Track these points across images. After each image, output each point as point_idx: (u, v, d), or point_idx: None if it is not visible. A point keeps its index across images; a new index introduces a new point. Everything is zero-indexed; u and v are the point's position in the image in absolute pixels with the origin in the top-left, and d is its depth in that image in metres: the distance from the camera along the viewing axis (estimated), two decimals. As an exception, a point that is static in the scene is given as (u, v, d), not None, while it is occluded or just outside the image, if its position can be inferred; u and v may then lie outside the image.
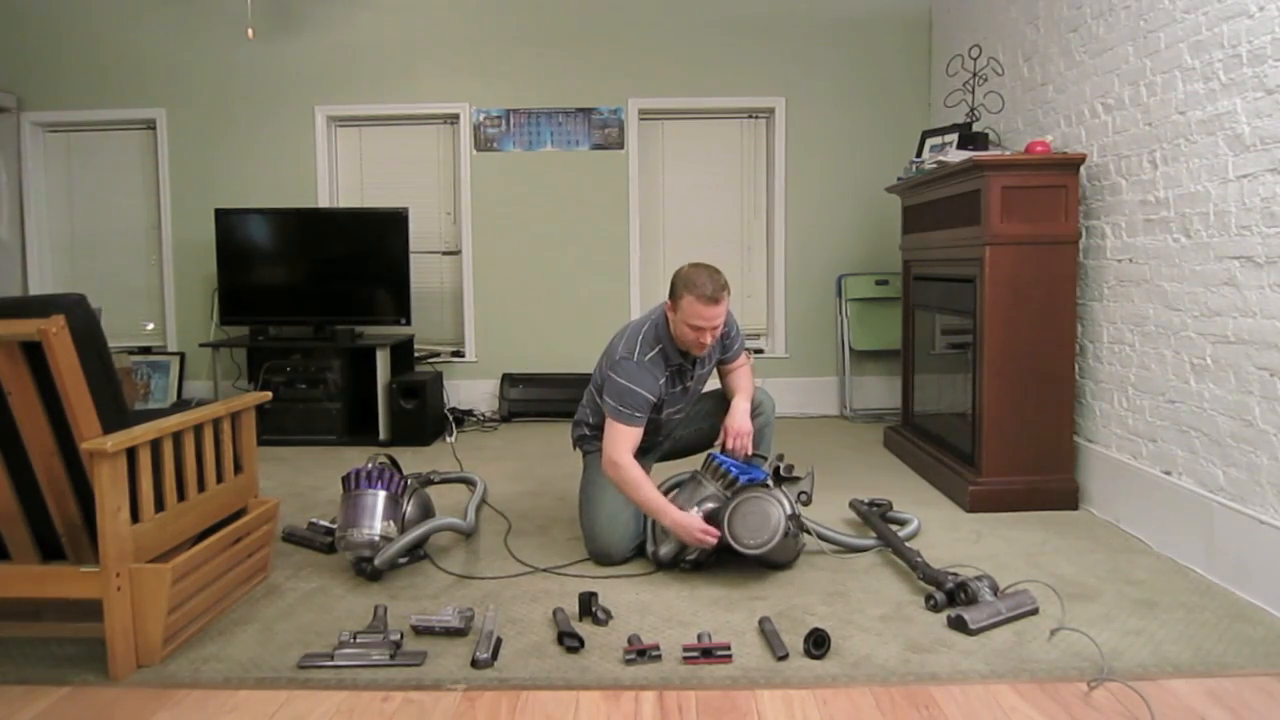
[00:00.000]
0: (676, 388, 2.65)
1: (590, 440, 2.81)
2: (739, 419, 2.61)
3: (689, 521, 2.37)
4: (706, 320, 2.44)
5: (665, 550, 2.46)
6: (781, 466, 2.53)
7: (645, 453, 2.82)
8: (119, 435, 1.85)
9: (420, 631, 2.08)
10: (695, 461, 2.74)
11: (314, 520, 2.84)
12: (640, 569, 2.52)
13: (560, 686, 1.86)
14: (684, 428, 2.85)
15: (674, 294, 2.50)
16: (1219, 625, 2.12)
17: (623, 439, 2.49)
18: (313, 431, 4.40)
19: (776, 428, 2.88)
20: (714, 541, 2.36)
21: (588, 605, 2.18)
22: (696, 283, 2.43)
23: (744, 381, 2.73)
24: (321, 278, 4.64)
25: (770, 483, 2.45)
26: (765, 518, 2.33)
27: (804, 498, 2.49)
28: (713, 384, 2.84)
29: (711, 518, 2.40)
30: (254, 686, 1.87)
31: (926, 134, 3.91)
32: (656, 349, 2.56)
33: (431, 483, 3.40)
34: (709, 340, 2.49)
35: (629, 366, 2.52)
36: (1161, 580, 2.41)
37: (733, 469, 2.47)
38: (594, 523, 2.58)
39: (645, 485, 2.46)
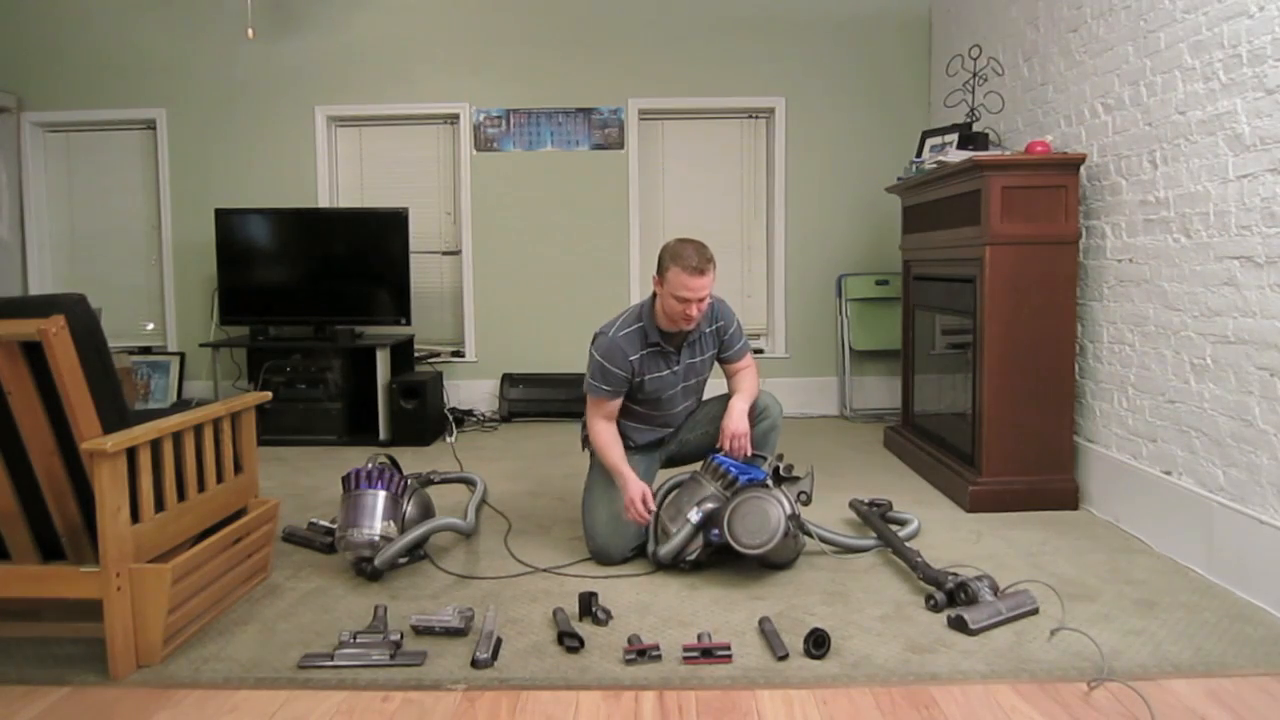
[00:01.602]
0: (663, 370, 2.66)
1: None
2: (736, 420, 2.60)
3: (633, 490, 2.49)
4: (692, 291, 2.47)
5: (665, 550, 2.46)
6: (781, 466, 2.53)
7: (652, 450, 2.83)
8: (119, 435, 1.85)
9: (420, 631, 2.08)
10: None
11: (314, 520, 2.84)
12: (640, 569, 2.52)
13: (560, 686, 1.86)
14: (690, 430, 2.84)
15: (660, 268, 2.54)
16: (1219, 625, 2.12)
17: (594, 409, 2.66)
18: (313, 431, 4.40)
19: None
20: (645, 519, 2.47)
21: (588, 605, 2.18)
22: (682, 255, 2.48)
23: (747, 384, 2.72)
24: (321, 278, 4.64)
25: (769, 483, 2.45)
26: (765, 518, 2.33)
27: (803, 497, 2.49)
28: (717, 387, 2.84)
29: (711, 517, 2.40)
30: (254, 686, 1.87)
31: (926, 134, 3.91)
32: (634, 326, 2.62)
33: (431, 483, 3.40)
34: (695, 313, 2.51)
35: (602, 341, 2.62)
36: (1161, 580, 2.41)
37: (732, 469, 2.48)
38: (595, 522, 2.59)
39: (612, 448, 2.60)
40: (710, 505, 2.43)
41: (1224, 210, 2.41)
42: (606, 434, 2.64)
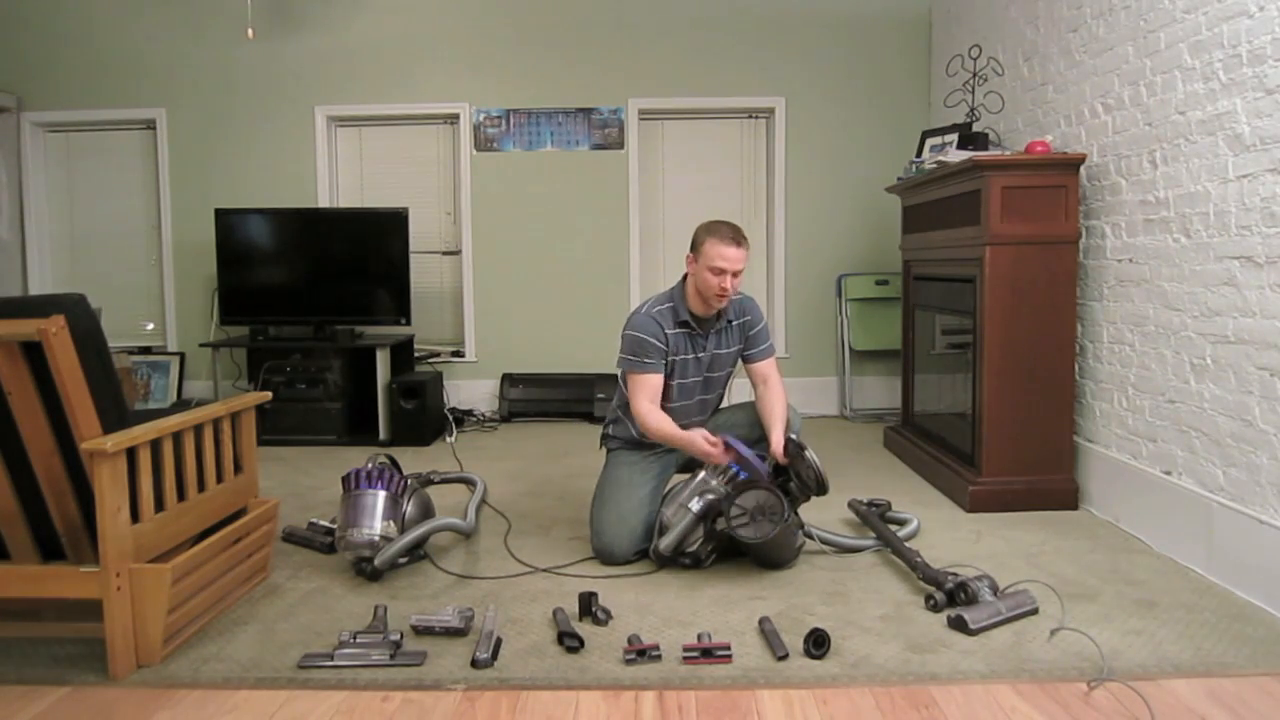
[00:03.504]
0: (689, 354, 2.67)
1: (612, 438, 2.84)
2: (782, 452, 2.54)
3: (698, 441, 2.46)
4: (728, 262, 2.52)
5: (665, 542, 2.46)
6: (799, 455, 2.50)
7: (669, 452, 2.79)
8: (119, 435, 1.85)
9: (420, 631, 2.08)
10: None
11: (314, 520, 2.84)
12: (641, 569, 2.52)
13: (560, 686, 1.86)
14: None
15: (695, 244, 2.59)
16: (1219, 625, 2.12)
17: (640, 390, 2.59)
18: (313, 431, 4.40)
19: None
20: (719, 454, 2.44)
21: (588, 605, 2.18)
22: (717, 229, 2.56)
23: (779, 407, 2.63)
24: (321, 278, 4.64)
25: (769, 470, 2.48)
26: (766, 508, 2.34)
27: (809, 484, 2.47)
28: (734, 396, 2.84)
29: (712, 508, 2.42)
30: (254, 686, 1.87)
31: (926, 134, 3.91)
32: (666, 304, 2.67)
33: (431, 483, 3.40)
34: (729, 286, 2.54)
35: (636, 318, 2.66)
36: (1161, 580, 2.41)
37: (733, 465, 2.49)
38: (602, 520, 2.59)
39: (665, 423, 2.56)
40: (711, 497, 2.44)
41: (1224, 210, 2.41)
42: (656, 414, 2.58)
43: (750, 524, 2.34)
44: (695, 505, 2.44)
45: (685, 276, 2.67)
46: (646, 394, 2.59)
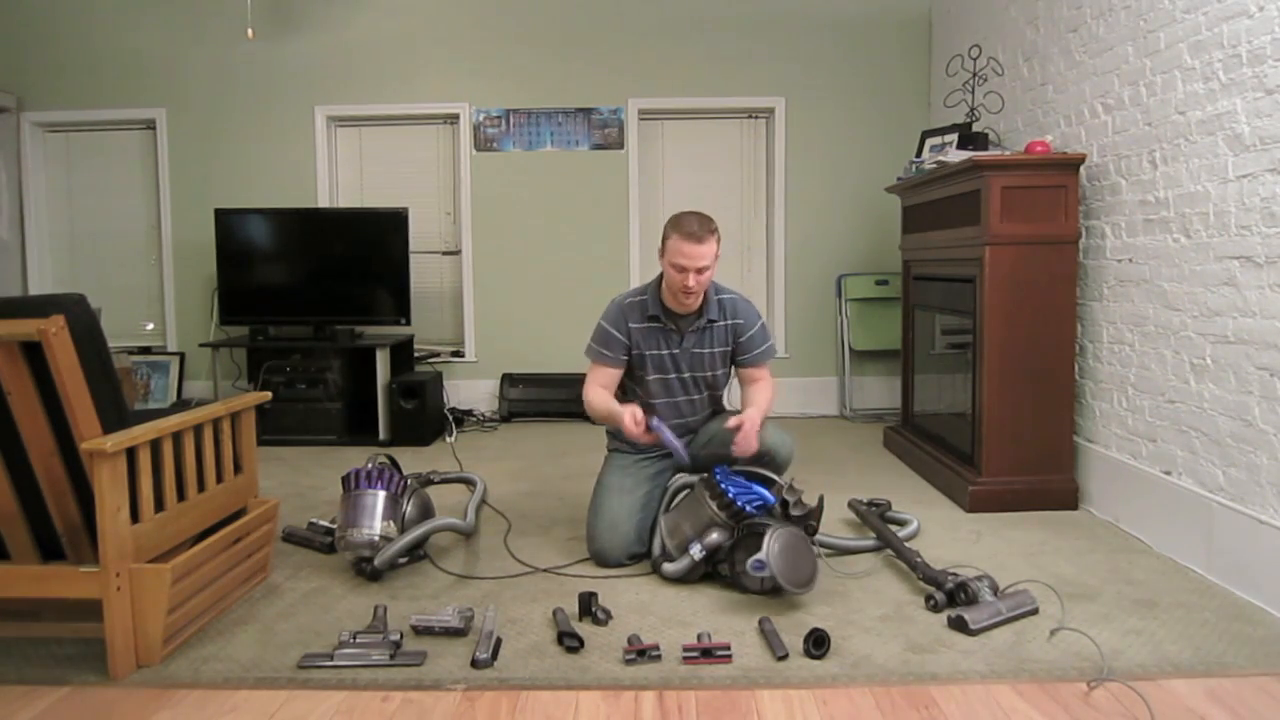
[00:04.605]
0: (661, 350, 2.65)
1: (613, 438, 2.83)
2: (746, 422, 2.44)
3: (625, 421, 2.47)
4: (688, 259, 2.47)
5: (667, 571, 2.42)
6: (791, 502, 2.38)
7: (663, 459, 2.77)
8: (119, 435, 1.85)
9: (420, 631, 2.08)
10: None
11: (314, 520, 2.84)
12: (640, 569, 2.52)
13: (560, 686, 1.86)
14: (703, 447, 2.73)
15: (663, 238, 2.57)
16: (1219, 625, 2.12)
17: (593, 377, 2.70)
18: (313, 431, 4.40)
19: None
20: (641, 434, 2.47)
21: (588, 605, 2.18)
22: (682, 223, 2.50)
23: (761, 398, 2.63)
24: (321, 278, 4.64)
25: (774, 504, 2.37)
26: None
27: (810, 528, 2.37)
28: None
29: (715, 552, 2.35)
30: (254, 686, 1.87)
31: (926, 134, 3.91)
32: (639, 298, 2.68)
33: (431, 483, 3.40)
34: (693, 284, 2.50)
35: (610, 306, 2.71)
36: (1161, 580, 2.41)
37: (730, 490, 2.35)
38: (595, 524, 2.59)
39: (600, 400, 2.64)
40: (715, 537, 2.33)
41: (1224, 210, 2.41)
42: (595, 392, 2.67)
43: (752, 576, 2.29)
44: (697, 554, 2.34)
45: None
46: (598, 381, 2.68)
